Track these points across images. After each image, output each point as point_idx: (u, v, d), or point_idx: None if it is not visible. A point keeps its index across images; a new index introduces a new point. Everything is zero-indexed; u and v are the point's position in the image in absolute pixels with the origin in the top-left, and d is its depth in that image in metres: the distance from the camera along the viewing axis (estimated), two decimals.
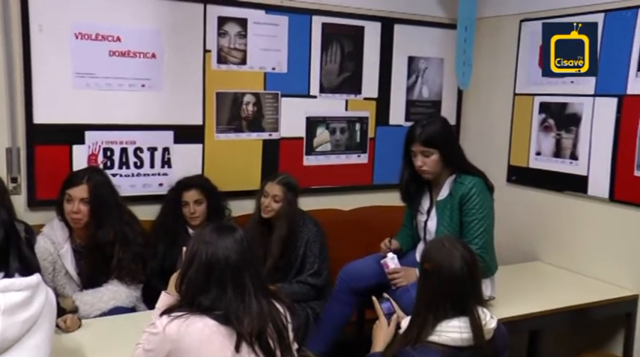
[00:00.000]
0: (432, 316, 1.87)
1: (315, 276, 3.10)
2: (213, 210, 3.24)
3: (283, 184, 3.12)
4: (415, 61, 4.07)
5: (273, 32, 3.58)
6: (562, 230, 3.61)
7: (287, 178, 3.19)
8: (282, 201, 3.11)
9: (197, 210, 3.19)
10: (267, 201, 3.11)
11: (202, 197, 3.21)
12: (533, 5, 3.70)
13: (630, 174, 3.21)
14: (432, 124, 2.79)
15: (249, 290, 1.81)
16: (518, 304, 2.94)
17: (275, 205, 3.11)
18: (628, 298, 3.21)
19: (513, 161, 3.89)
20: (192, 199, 3.20)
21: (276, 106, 3.65)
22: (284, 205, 3.11)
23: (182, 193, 3.22)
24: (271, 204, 3.11)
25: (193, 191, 3.20)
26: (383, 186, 3.73)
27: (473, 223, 2.70)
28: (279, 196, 3.11)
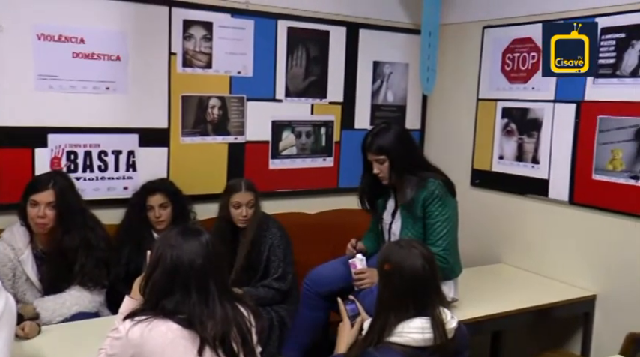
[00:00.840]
0: (393, 316, 1.88)
1: (280, 280, 3.11)
2: (178, 214, 3.23)
3: (250, 189, 3.12)
4: (380, 66, 4.11)
5: (238, 36, 3.58)
6: (524, 233, 3.68)
7: (247, 181, 3.19)
8: (254, 205, 3.12)
9: (162, 214, 3.17)
10: (243, 211, 3.09)
11: (167, 201, 3.20)
12: (496, 12, 3.78)
13: (588, 178, 3.30)
14: (382, 132, 2.83)
15: (213, 294, 1.81)
16: (482, 305, 2.99)
17: (250, 211, 3.11)
18: (586, 298, 3.29)
19: (477, 165, 3.95)
20: (157, 203, 3.18)
21: (241, 110, 3.64)
22: (255, 210, 3.12)
23: (147, 197, 3.19)
24: (248, 212, 3.10)
25: (158, 195, 3.19)
26: (348, 189, 3.74)
27: (436, 226, 2.74)
28: (252, 202, 3.11)
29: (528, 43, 3.58)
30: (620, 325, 2.93)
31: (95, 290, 2.80)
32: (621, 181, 3.15)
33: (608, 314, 3.24)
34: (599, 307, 3.29)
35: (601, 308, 3.28)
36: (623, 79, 3.11)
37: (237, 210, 3.10)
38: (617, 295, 3.20)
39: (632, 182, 3.10)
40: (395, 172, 2.79)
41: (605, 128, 3.21)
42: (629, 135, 3.10)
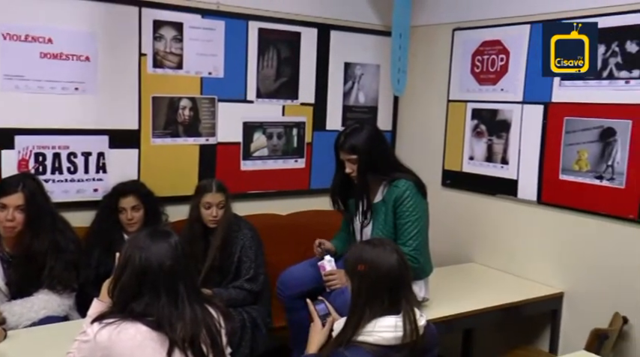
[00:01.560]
0: (368, 312, 1.90)
1: (251, 281, 3.10)
2: (150, 216, 3.21)
3: (221, 190, 3.11)
4: (351, 67, 4.13)
5: (209, 37, 3.56)
6: (494, 232, 3.73)
7: (218, 181, 3.17)
8: (225, 205, 3.11)
9: (134, 216, 3.15)
10: (214, 211, 3.08)
11: (139, 203, 3.17)
12: (465, 15, 3.82)
13: (556, 178, 3.36)
14: (355, 132, 2.85)
15: (182, 296, 1.80)
16: (453, 304, 3.03)
17: (221, 211, 3.09)
18: (554, 296, 3.35)
19: (448, 166, 3.99)
20: (129, 205, 3.15)
21: (212, 111, 3.63)
22: (227, 208, 3.11)
23: (119, 199, 3.16)
24: (218, 213, 3.09)
25: (131, 197, 3.16)
26: (320, 191, 3.76)
27: (407, 225, 2.76)
28: (222, 202, 3.09)
29: (497, 45, 3.63)
30: (586, 321, 2.99)
31: (64, 294, 2.76)
32: (587, 180, 3.21)
33: (575, 311, 3.30)
34: (566, 305, 3.35)
35: (568, 305, 3.34)
36: (588, 81, 3.16)
37: (208, 210, 3.09)
38: (584, 293, 3.26)
39: (597, 182, 3.16)
40: (364, 171, 2.81)
41: (571, 129, 3.27)
42: (594, 136, 3.16)
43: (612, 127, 3.09)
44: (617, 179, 3.08)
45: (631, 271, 3.04)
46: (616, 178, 3.08)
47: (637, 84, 2.98)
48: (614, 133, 3.09)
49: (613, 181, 3.10)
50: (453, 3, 3.90)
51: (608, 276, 3.14)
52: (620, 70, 3.04)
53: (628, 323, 2.99)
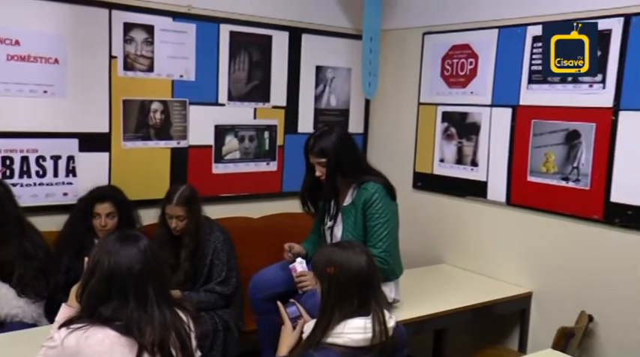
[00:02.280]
0: (338, 313, 1.91)
1: (223, 284, 3.10)
2: (124, 224, 3.15)
3: (182, 203, 3.07)
4: (323, 71, 4.15)
5: (180, 40, 3.56)
6: (465, 234, 3.77)
7: (183, 193, 3.10)
8: (186, 218, 3.08)
9: (108, 223, 3.11)
10: (174, 222, 3.07)
11: (115, 211, 3.13)
12: (435, 19, 3.87)
13: (524, 179, 3.41)
14: (324, 135, 2.87)
15: (151, 300, 1.80)
16: (424, 305, 3.06)
17: (181, 223, 3.08)
18: (523, 296, 3.40)
19: (418, 168, 4.03)
20: (104, 211, 3.11)
21: (184, 114, 3.62)
22: (189, 220, 3.08)
23: (95, 204, 3.12)
24: (178, 224, 3.08)
25: (107, 204, 3.12)
26: (292, 193, 3.74)
27: (376, 228, 2.78)
28: (182, 216, 3.07)
29: (466, 49, 3.69)
30: (553, 320, 3.05)
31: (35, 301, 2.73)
32: (554, 182, 3.27)
33: (543, 310, 3.36)
34: (535, 304, 3.41)
35: (537, 305, 3.40)
36: (554, 85, 3.23)
37: (169, 220, 3.09)
38: (551, 292, 3.32)
39: (564, 183, 3.22)
40: (333, 174, 2.83)
41: (538, 132, 3.33)
42: (561, 138, 3.23)
43: (577, 129, 3.16)
44: (582, 180, 3.15)
45: (596, 270, 3.11)
46: (581, 180, 3.15)
47: (600, 88, 3.04)
48: (579, 135, 3.16)
49: (578, 183, 3.16)
50: (423, 7, 3.95)
51: (575, 275, 3.20)
52: (584, 75, 3.11)
53: (593, 321, 3.06)
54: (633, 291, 2.96)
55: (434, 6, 3.88)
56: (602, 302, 3.07)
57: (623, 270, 3.00)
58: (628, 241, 2.98)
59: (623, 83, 2.96)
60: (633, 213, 2.94)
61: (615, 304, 3.02)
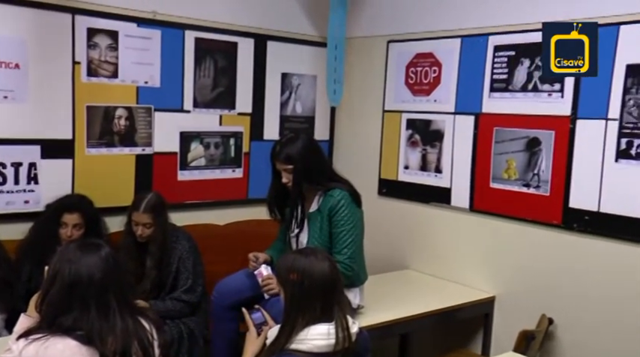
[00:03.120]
0: (301, 319, 1.92)
1: (189, 292, 3.08)
2: (90, 237, 3.10)
3: (149, 211, 3.05)
4: (288, 78, 4.16)
5: (145, 46, 3.53)
6: (429, 239, 3.82)
7: (150, 201, 3.08)
8: (153, 225, 3.06)
9: (74, 234, 3.04)
10: (140, 230, 3.05)
11: (82, 222, 3.08)
12: (399, 28, 3.92)
13: (486, 186, 3.48)
14: (290, 141, 2.88)
15: (113, 308, 1.78)
16: (389, 310, 3.09)
17: (147, 230, 3.06)
18: (486, 300, 3.46)
19: (384, 175, 4.07)
20: (72, 222, 3.05)
21: (149, 121, 3.59)
22: (155, 228, 3.06)
23: (63, 213, 3.06)
24: (144, 231, 3.05)
25: (76, 215, 3.06)
26: (258, 200, 3.75)
27: (342, 234, 2.80)
28: (148, 223, 3.05)
29: (430, 57, 3.74)
30: (515, 323, 3.09)
31: None
32: (515, 188, 3.34)
33: (506, 314, 3.42)
34: (497, 308, 3.47)
35: (499, 309, 3.46)
36: (515, 93, 3.31)
37: (136, 227, 3.06)
38: (514, 296, 3.38)
39: (525, 189, 3.29)
40: (300, 181, 2.84)
41: (500, 139, 3.40)
42: (521, 145, 3.30)
43: (537, 137, 3.23)
44: (542, 187, 3.22)
45: (556, 274, 3.18)
46: (541, 186, 3.22)
47: (558, 97, 3.13)
48: (539, 143, 3.23)
49: (539, 189, 3.24)
50: (388, 16, 4.00)
51: (536, 279, 3.27)
52: (543, 84, 3.19)
53: (553, 324, 3.13)
54: (591, 294, 3.04)
55: (398, 14, 3.93)
56: (561, 305, 3.14)
57: (581, 273, 3.08)
58: (586, 246, 3.06)
59: (580, 92, 3.05)
60: (590, 218, 3.02)
61: (574, 306, 3.10)
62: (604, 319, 2.99)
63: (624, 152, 2.89)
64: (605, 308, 2.98)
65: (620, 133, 2.90)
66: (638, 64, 2.84)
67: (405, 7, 3.87)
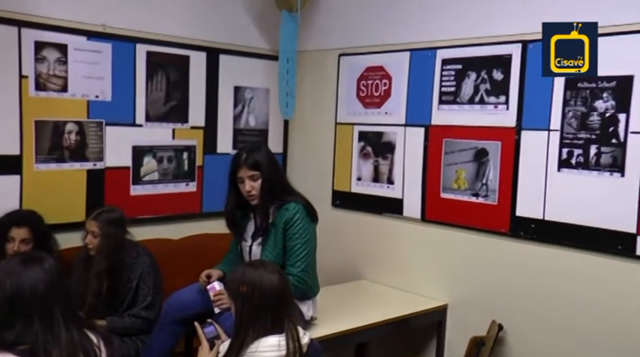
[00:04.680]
0: (251, 332, 1.93)
1: (149, 309, 3.05)
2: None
3: (98, 219, 3.03)
4: (241, 91, 4.18)
5: (95, 59, 3.50)
6: (383, 250, 3.87)
7: (103, 211, 3.09)
8: (99, 236, 3.02)
9: (22, 249, 2.98)
10: (88, 238, 3.02)
11: (31, 237, 3.02)
12: (350, 41, 3.98)
13: (437, 196, 3.55)
14: (257, 149, 2.92)
15: (58, 321, 1.76)
16: (344, 321, 3.12)
17: (94, 240, 3.02)
18: (439, 308, 3.53)
19: (337, 186, 4.11)
20: (20, 236, 2.99)
21: (100, 135, 3.55)
22: (101, 239, 3.02)
23: (11, 227, 3.00)
24: (91, 240, 3.02)
25: (24, 229, 3.00)
26: (212, 214, 3.77)
27: (296, 248, 2.82)
28: (96, 232, 3.02)
29: (380, 70, 3.82)
30: (467, 330, 3.16)
31: None
32: (465, 198, 3.42)
33: (458, 321, 3.49)
34: (450, 316, 3.54)
35: (452, 316, 3.53)
36: (463, 105, 3.40)
37: (86, 237, 3.04)
38: (465, 304, 3.46)
39: (474, 199, 3.38)
40: (266, 189, 2.85)
41: (450, 150, 3.49)
42: (470, 156, 3.39)
43: (485, 148, 3.33)
44: (490, 196, 3.31)
45: (505, 281, 3.27)
46: (490, 195, 3.32)
47: (504, 109, 3.23)
48: (486, 153, 3.33)
49: (487, 198, 3.33)
50: (339, 29, 4.06)
51: (486, 287, 3.35)
52: (489, 96, 3.30)
53: (503, 330, 3.21)
54: (538, 299, 3.13)
55: (349, 28, 3.99)
56: (511, 311, 3.22)
57: (529, 280, 3.17)
58: (532, 253, 3.16)
59: (524, 105, 3.16)
60: (536, 226, 3.13)
61: (523, 312, 3.18)
62: (551, 324, 3.08)
63: (565, 162, 3.01)
64: (552, 313, 3.08)
65: (562, 143, 3.02)
66: (575, 78, 2.95)
67: (356, 21, 3.95)
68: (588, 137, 2.93)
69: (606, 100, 2.87)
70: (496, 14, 3.26)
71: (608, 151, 2.87)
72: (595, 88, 2.90)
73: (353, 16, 3.96)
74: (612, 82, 2.85)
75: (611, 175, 2.86)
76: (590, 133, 2.92)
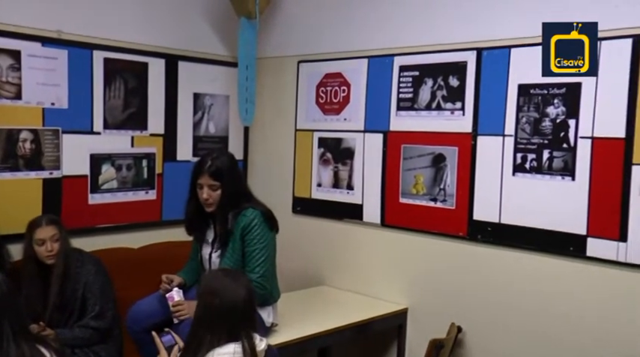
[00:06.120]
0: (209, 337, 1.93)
1: (98, 318, 3.01)
2: None
3: (53, 223, 3.00)
4: (201, 98, 4.16)
5: (51, 66, 3.44)
6: (343, 255, 3.89)
7: (50, 216, 3.08)
8: (59, 239, 2.99)
9: None
10: (49, 245, 2.96)
11: None
12: (309, 48, 4.01)
13: (396, 201, 3.60)
14: (220, 157, 2.92)
15: (7, 336, 1.73)
16: (305, 326, 3.14)
17: (56, 245, 2.97)
18: (399, 312, 3.56)
19: (297, 193, 4.13)
20: None
21: (56, 143, 3.49)
22: (61, 243, 2.99)
23: None
24: (53, 246, 2.97)
25: None
26: (172, 222, 3.74)
27: (254, 253, 2.83)
28: (57, 235, 2.98)
29: (339, 77, 3.85)
30: (427, 333, 3.18)
31: None
32: (423, 203, 3.48)
33: (418, 325, 3.54)
34: (410, 319, 3.58)
35: (412, 320, 3.57)
36: (420, 111, 3.46)
37: (42, 247, 2.97)
38: (425, 307, 3.51)
39: (432, 204, 3.44)
40: (225, 198, 2.85)
41: (408, 156, 3.53)
42: (428, 161, 3.45)
43: (442, 153, 3.39)
44: (448, 201, 3.37)
45: (464, 283, 3.33)
46: (447, 200, 3.37)
47: (460, 115, 3.30)
48: (444, 158, 3.38)
49: (445, 203, 3.38)
50: (298, 36, 4.08)
51: (445, 290, 3.41)
52: (446, 102, 3.36)
53: (462, 331, 3.27)
54: (496, 301, 3.20)
55: (308, 35, 4.02)
56: (469, 313, 3.28)
57: (486, 282, 3.24)
58: (489, 255, 3.22)
59: (480, 110, 3.23)
60: (492, 229, 3.19)
61: (481, 314, 3.25)
62: (508, 324, 3.15)
63: (520, 166, 3.09)
64: (509, 313, 3.15)
65: (516, 148, 3.09)
66: (527, 84, 3.04)
67: (315, 28, 3.98)
68: (541, 142, 3.01)
69: (557, 106, 2.96)
70: (452, 22, 3.33)
71: (560, 155, 2.96)
72: (546, 95, 2.98)
73: (311, 23, 3.99)
74: (562, 88, 2.94)
75: (562, 179, 2.95)
76: (543, 138, 3.01)
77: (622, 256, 2.78)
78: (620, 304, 2.79)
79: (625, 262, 2.78)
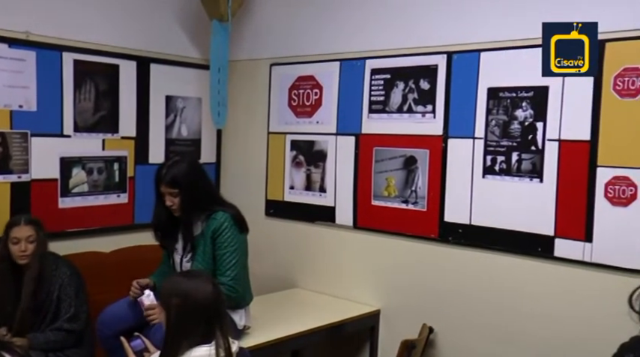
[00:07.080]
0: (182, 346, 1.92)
1: (72, 321, 2.97)
2: None
3: (30, 223, 2.96)
4: (173, 101, 4.14)
5: (18, 68, 3.39)
6: (316, 258, 3.91)
7: (30, 216, 3.05)
8: (35, 240, 2.95)
9: None
10: (22, 245, 2.92)
11: None
12: (281, 51, 4.02)
13: (368, 203, 3.62)
14: (176, 165, 2.90)
15: None
16: (278, 329, 3.14)
17: (31, 246, 2.93)
18: (372, 313, 3.59)
19: (270, 196, 4.13)
20: None
21: (25, 147, 3.45)
22: (37, 244, 2.95)
23: None
24: (27, 247, 2.92)
25: None
26: (145, 225, 3.66)
27: (225, 256, 2.83)
28: (33, 236, 2.94)
29: (311, 80, 3.86)
30: (399, 334, 3.19)
31: None
32: (395, 205, 3.50)
33: (390, 326, 3.56)
34: (382, 321, 3.60)
35: (384, 321, 3.59)
36: (392, 114, 3.49)
37: (16, 246, 2.92)
38: (397, 308, 3.53)
39: (404, 206, 3.47)
40: (187, 205, 2.84)
41: (380, 158, 3.56)
42: (399, 164, 3.48)
43: (414, 155, 3.42)
44: (419, 203, 3.40)
45: (435, 285, 3.36)
46: (419, 202, 3.41)
47: (431, 117, 3.34)
48: (415, 161, 3.42)
49: (417, 205, 3.42)
50: (270, 39, 4.09)
51: (417, 291, 3.44)
52: (417, 105, 3.39)
53: (434, 332, 3.30)
54: (467, 301, 3.24)
55: (280, 38, 4.03)
56: (441, 314, 3.32)
57: (457, 283, 3.27)
58: (460, 257, 3.26)
59: (450, 113, 3.27)
60: (463, 231, 3.24)
61: (452, 314, 3.28)
62: (479, 324, 3.19)
63: (490, 168, 3.13)
64: (480, 314, 3.19)
65: (486, 150, 3.14)
66: (496, 87, 3.09)
67: (287, 31, 3.99)
68: (510, 145, 3.06)
69: (525, 109, 3.01)
70: (423, 26, 3.37)
71: (528, 157, 3.01)
72: (515, 98, 3.03)
73: (284, 26, 4.00)
74: (530, 92, 2.99)
75: (530, 181, 3.00)
76: (512, 140, 3.05)
77: (587, 256, 2.84)
78: (586, 303, 2.85)
79: (590, 262, 2.84)
